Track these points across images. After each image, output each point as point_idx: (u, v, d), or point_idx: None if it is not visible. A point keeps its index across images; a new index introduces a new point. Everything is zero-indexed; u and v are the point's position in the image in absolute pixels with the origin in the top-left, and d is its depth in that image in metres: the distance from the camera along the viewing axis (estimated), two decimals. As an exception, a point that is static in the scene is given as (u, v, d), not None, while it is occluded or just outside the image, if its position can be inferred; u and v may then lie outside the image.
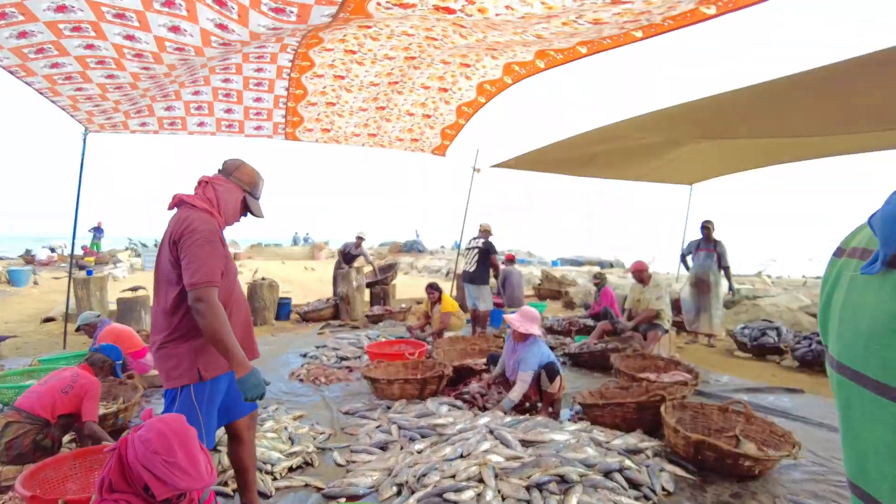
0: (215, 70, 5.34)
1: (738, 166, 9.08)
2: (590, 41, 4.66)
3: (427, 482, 3.02)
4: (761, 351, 6.79)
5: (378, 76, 5.80)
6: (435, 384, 4.79)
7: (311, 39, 4.79)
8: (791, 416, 4.55)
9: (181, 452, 1.67)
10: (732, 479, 3.25)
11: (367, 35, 4.81)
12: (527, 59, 5.42)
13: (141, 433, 1.66)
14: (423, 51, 5.23)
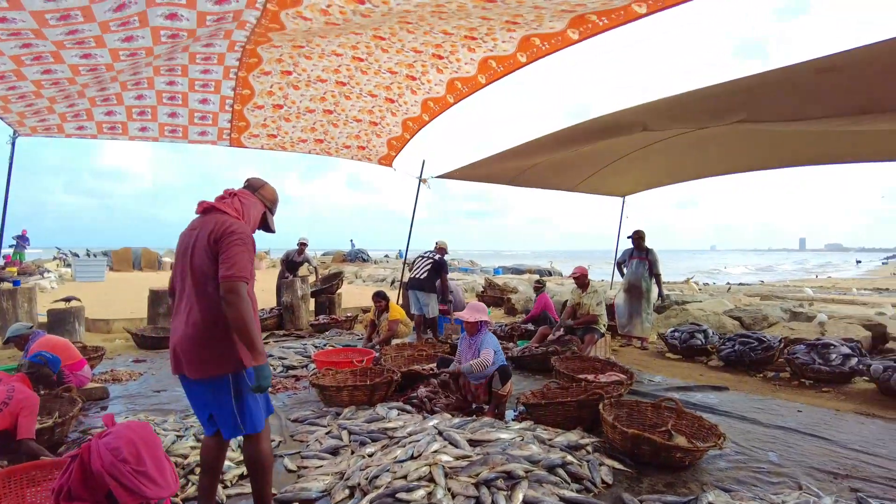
0: (160, 71, 5.22)
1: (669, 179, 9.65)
2: (529, 49, 4.87)
3: (379, 483, 3.10)
4: (690, 352, 7.22)
5: (325, 71, 5.79)
6: (384, 390, 4.86)
7: (259, 37, 4.79)
8: (717, 411, 4.89)
9: (150, 461, 1.67)
10: (666, 471, 3.49)
11: (314, 34, 4.84)
12: (469, 74, 5.58)
13: (107, 441, 1.66)
14: (371, 53, 5.32)
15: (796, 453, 3.92)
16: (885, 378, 5.41)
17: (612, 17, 4.13)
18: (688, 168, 8.72)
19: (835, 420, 4.78)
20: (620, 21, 4.12)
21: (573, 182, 9.57)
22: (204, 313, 2.48)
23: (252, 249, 2.56)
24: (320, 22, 4.26)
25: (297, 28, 4.43)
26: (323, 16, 4.13)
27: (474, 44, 4.96)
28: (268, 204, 2.92)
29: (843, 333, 7.05)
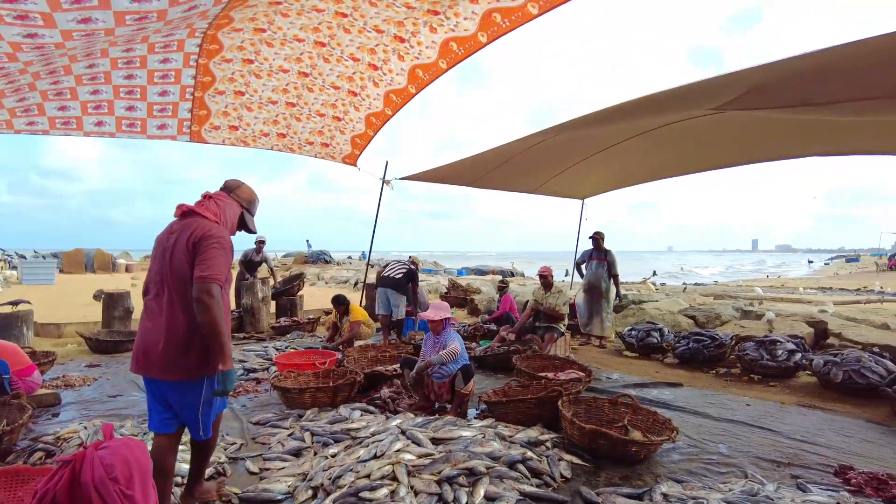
0: (118, 65, 5.08)
1: (627, 181, 9.91)
2: (490, 27, 4.91)
3: (342, 483, 3.12)
4: (646, 350, 7.45)
5: (288, 60, 5.72)
6: (347, 391, 4.86)
7: (221, 20, 4.68)
8: (672, 406, 5.07)
9: (139, 486, 1.66)
10: (622, 464, 3.61)
11: (276, 11, 4.79)
12: (430, 60, 5.57)
13: (103, 455, 1.63)
14: (333, 35, 5.26)
15: (744, 444, 4.11)
16: (825, 372, 5.71)
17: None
18: (644, 169, 8.97)
19: (780, 412, 5.02)
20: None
21: (534, 185, 9.72)
22: (189, 317, 2.51)
23: (229, 254, 2.59)
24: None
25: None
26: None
27: (436, 21, 4.95)
28: (244, 204, 2.93)
29: (789, 330, 7.39)
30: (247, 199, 2.95)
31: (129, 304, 8.49)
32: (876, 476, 3.37)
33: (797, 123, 5.95)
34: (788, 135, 6.45)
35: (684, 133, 6.53)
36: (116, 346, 7.44)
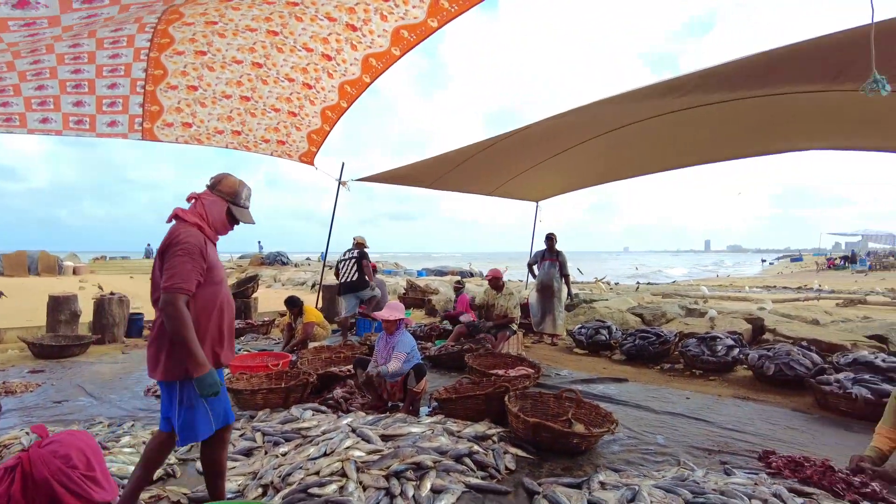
0: (64, 60, 4.95)
1: (579, 184, 10.21)
2: (439, 12, 4.98)
3: (292, 480, 3.18)
4: (595, 347, 7.71)
5: (241, 50, 5.66)
6: (299, 392, 4.90)
7: (170, 14, 4.62)
8: (615, 400, 5.30)
9: (98, 467, 1.70)
10: (565, 456, 3.78)
11: (228, 7, 4.76)
12: (383, 49, 5.60)
13: (53, 449, 1.65)
14: (285, 24, 5.23)
15: (680, 435, 4.34)
16: (759, 365, 6.04)
17: None
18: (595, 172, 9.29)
19: (716, 404, 5.30)
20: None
21: (490, 187, 9.93)
22: (160, 321, 2.57)
23: (198, 258, 2.56)
24: None
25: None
26: None
27: (386, 8, 5.02)
28: (228, 198, 2.81)
29: (729, 327, 7.77)
30: (229, 191, 2.82)
31: (77, 308, 8.26)
32: (794, 459, 3.63)
33: (745, 125, 6.31)
34: (736, 135, 6.82)
35: (635, 136, 6.81)
36: (62, 350, 7.24)
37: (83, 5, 3.33)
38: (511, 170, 8.73)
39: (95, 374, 6.28)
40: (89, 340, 7.71)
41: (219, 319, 2.69)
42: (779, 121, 6.16)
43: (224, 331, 2.73)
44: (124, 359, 7.25)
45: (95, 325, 8.45)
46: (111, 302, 8.46)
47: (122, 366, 6.75)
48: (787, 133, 6.65)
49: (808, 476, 3.42)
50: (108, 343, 8.26)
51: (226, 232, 2.84)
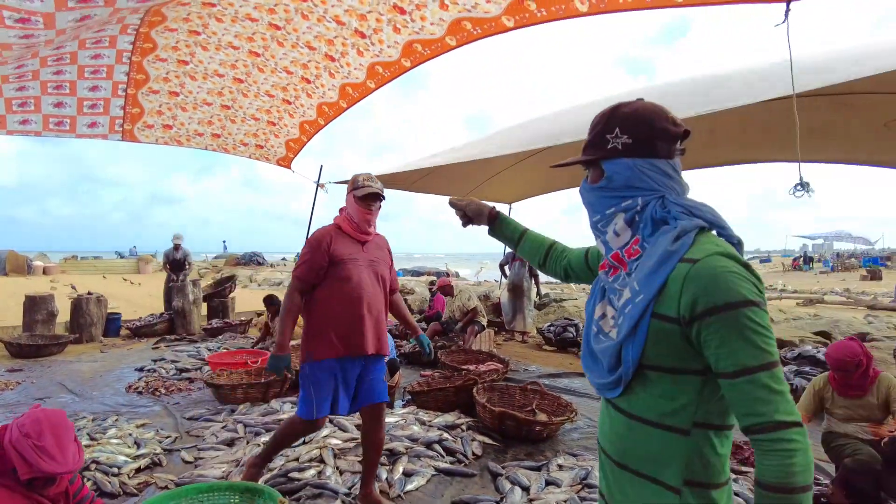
0: (47, 62, 5.05)
1: (550, 188, 10.56)
2: (412, 54, 5.22)
3: (273, 466, 3.42)
4: (563, 344, 8.06)
5: (223, 65, 5.79)
6: (278, 387, 5.13)
7: (153, 17, 4.71)
8: (579, 393, 5.62)
9: (52, 439, 1.87)
10: (528, 443, 4.08)
11: (211, 15, 4.85)
12: (359, 81, 5.87)
13: (21, 420, 1.88)
14: (267, 47, 5.43)
15: (636, 423, 4.67)
16: (715, 360, 6.44)
17: (486, 28, 4.46)
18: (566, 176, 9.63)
19: (672, 396, 5.66)
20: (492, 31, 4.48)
21: (464, 190, 10.22)
22: None
23: (315, 251, 2.90)
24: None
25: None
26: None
27: (363, 44, 5.25)
28: (350, 191, 3.03)
29: (689, 324, 8.17)
30: (351, 186, 3.05)
31: (54, 308, 8.31)
32: (734, 443, 3.99)
33: (711, 136, 6.70)
34: (712, 144, 7.21)
35: None
36: (39, 350, 7.31)
37: (78, 3, 3.49)
38: (487, 171, 9.02)
39: (75, 372, 6.38)
40: (67, 340, 7.77)
41: (350, 311, 2.89)
42: (750, 131, 6.54)
43: (357, 322, 2.90)
44: (103, 357, 7.34)
45: (73, 324, 8.50)
46: (89, 301, 8.53)
47: (102, 364, 6.86)
48: (758, 143, 7.06)
49: (746, 457, 3.78)
50: (85, 342, 8.31)
51: (367, 217, 2.99)
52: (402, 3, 4.48)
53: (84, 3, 3.60)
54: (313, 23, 5.10)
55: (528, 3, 4.09)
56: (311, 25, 5.15)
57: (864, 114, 5.10)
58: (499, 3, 4.18)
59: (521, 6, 4.16)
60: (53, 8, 3.63)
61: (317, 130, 7.25)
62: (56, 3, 3.58)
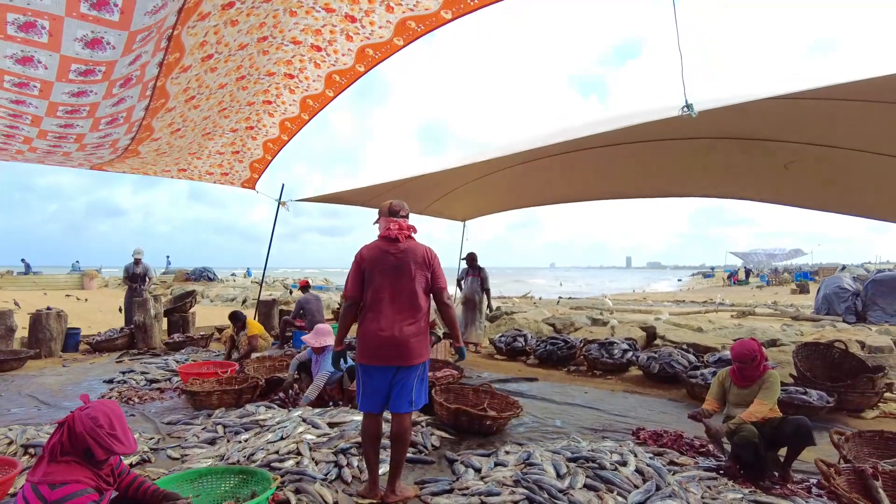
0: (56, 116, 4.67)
1: (502, 207, 11.27)
2: (365, 60, 5.61)
3: (255, 459, 3.86)
4: (513, 353, 8.70)
5: (186, 121, 5.87)
6: (250, 393, 5.52)
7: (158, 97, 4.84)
8: (525, 395, 6.22)
9: (119, 428, 2.36)
10: (480, 436, 4.63)
11: (208, 69, 4.98)
12: (318, 91, 6.28)
13: (87, 412, 2.31)
14: (232, 94, 5.77)
15: (575, 419, 5.31)
16: (647, 365, 7.18)
17: None
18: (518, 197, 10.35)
19: (609, 397, 6.34)
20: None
21: (420, 207, 10.78)
22: None
23: (354, 267, 3.46)
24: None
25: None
26: None
27: (319, 56, 5.70)
28: (383, 214, 3.58)
29: (627, 334, 8.95)
30: (382, 212, 3.60)
31: (12, 323, 8.39)
32: (656, 432, 4.67)
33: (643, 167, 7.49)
34: (643, 175, 8.01)
35: (556, 166, 7.82)
36: (0, 365, 7.40)
37: (78, 76, 3.73)
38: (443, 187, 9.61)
39: (42, 385, 6.54)
40: (27, 355, 7.86)
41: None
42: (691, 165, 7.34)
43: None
44: (67, 371, 7.48)
45: (31, 339, 8.56)
46: (48, 317, 8.63)
47: (68, 377, 7.03)
48: (682, 180, 7.92)
49: (664, 443, 4.45)
50: (44, 357, 8.39)
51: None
52: (353, 12, 4.96)
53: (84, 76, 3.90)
54: (272, 52, 5.46)
55: None
56: (270, 56, 5.51)
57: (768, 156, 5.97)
58: None
59: None
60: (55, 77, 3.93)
61: (280, 147, 7.66)
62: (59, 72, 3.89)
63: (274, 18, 4.97)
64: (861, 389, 5.62)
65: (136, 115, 4.98)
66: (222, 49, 4.87)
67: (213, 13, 4.09)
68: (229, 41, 4.85)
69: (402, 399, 3.42)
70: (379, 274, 3.40)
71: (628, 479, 3.51)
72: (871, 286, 14.83)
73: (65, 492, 2.14)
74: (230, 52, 5.09)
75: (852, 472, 3.24)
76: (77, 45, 3.32)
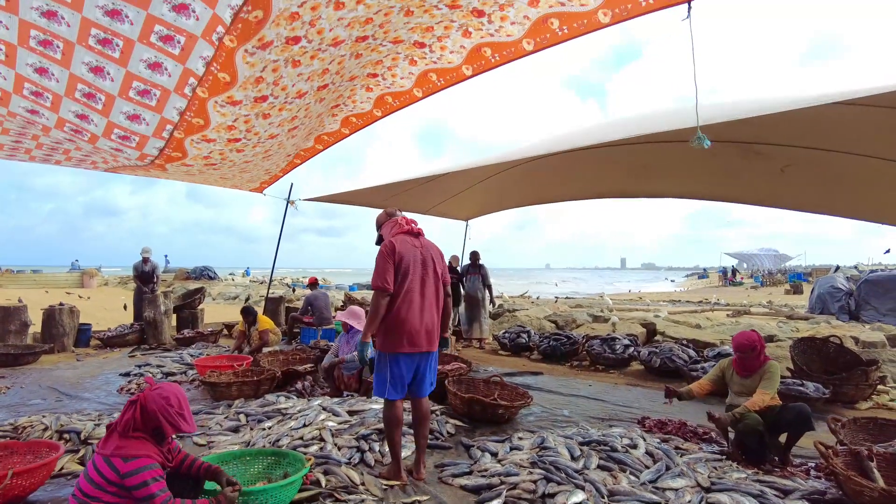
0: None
1: (503, 205, 11.48)
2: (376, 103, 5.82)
3: (281, 444, 4.04)
4: (517, 349, 8.91)
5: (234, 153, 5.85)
6: (268, 384, 5.71)
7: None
8: (532, 388, 6.42)
9: (186, 409, 2.56)
10: (492, 424, 4.83)
11: (259, 114, 4.86)
12: (365, 110, 6.14)
13: (159, 392, 2.51)
14: (281, 146, 5.85)
15: (582, 410, 5.52)
16: (648, 360, 7.40)
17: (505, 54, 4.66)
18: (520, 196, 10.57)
19: (612, 389, 6.56)
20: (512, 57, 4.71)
21: (425, 207, 10.99)
22: None
23: (386, 261, 3.52)
24: None
25: None
26: None
27: (337, 109, 5.85)
28: (387, 218, 3.89)
29: (628, 331, 9.17)
30: (380, 220, 3.92)
31: (27, 318, 8.54)
32: (661, 420, 4.88)
33: (645, 170, 7.70)
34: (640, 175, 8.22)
35: (555, 165, 8.03)
36: (17, 359, 7.55)
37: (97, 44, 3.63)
38: (447, 191, 9.82)
39: (61, 378, 6.72)
40: (42, 350, 8.02)
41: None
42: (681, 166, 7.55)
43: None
44: (81, 365, 7.65)
45: (44, 334, 8.73)
46: (62, 312, 8.79)
47: (84, 370, 7.20)
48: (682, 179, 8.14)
49: (669, 430, 4.66)
50: (58, 352, 8.55)
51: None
52: (424, 38, 4.70)
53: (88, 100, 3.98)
54: (366, 54, 4.95)
55: (551, 22, 4.19)
56: (361, 60, 5.07)
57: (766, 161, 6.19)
58: (522, 25, 4.29)
59: (543, 26, 4.26)
60: (63, 92, 4.01)
61: (307, 158, 7.69)
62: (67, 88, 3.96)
63: (339, 65, 4.77)
64: (855, 382, 5.85)
65: (167, 126, 4.75)
66: (279, 93, 4.68)
67: (276, 44, 3.95)
68: (287, 84, 4.60)
69: (426, 382, 3.66)
70: (412, 266, 3.58)
71: (639, 461, 3.72)
72: (864, 286, 15.11)
73: (137, 465, 2.33)
74: (287, 100, 4.89)
75: (849, 453, 3.46)
76: (97, 11, 3.35)
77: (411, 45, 4.83)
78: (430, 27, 4.52)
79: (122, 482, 2.32)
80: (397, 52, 4.98)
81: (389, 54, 5.03)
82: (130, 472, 2.31)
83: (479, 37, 4.56)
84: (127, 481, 2.31)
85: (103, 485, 2.34)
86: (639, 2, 3.77)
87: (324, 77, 4.84)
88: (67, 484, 3.46)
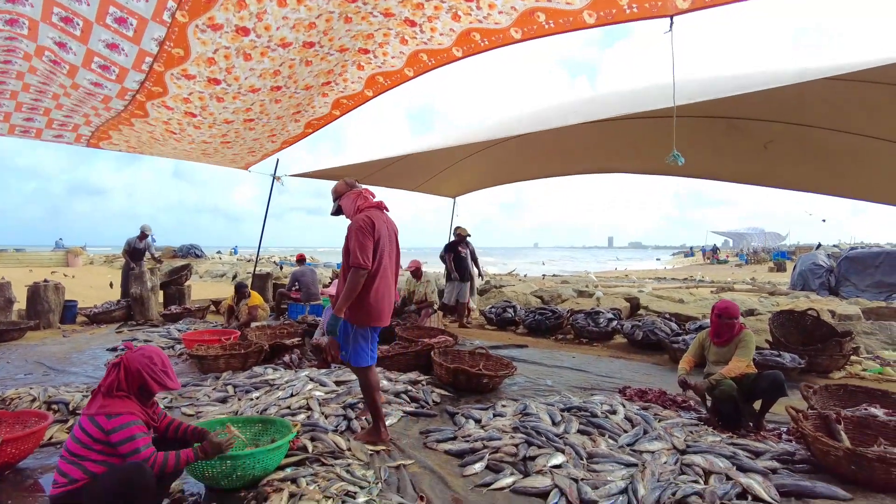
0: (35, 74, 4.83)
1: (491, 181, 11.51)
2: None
3: (268, 413, 4.11)
4: (503, 323, 9.03)
5: (236, 112, 5.92)
6: (255, 357, 5.76)
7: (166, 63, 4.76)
8: (517, 359, 6.50)
9: (169, 367, 2.62)
10: (476, 393, 4.94)
11: (239, 51, 4.74)
12: (356, 91, 6.08)
13: (141, 352, 2.56)
14: (278, 98, 5.71)
15: (565, 380, 5.63)
16: (631, 333, 7.54)
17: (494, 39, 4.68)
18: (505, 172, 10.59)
19: (595, 361, 6.69)
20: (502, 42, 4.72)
21: (413, 184, 10.98)
22: None
23: (367, 237, 3.49)
24: None
25: None
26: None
27: (328, 88, 5.85)
28: (347, 189, 3.84)
29: (612, 305, 9.31)
30: (338, 190, 3.88)
31: (11, 295, 8.50)
32: (641, 389, 5.00)
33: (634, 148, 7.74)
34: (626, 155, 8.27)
35: (543, 141, 8.04)
36: (2, 335, 7.49)
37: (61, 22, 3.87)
38: (434, 167, 9.82)
39: (47, 353, 6.71)
40: (27, 326, 7.99)
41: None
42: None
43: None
44: (67, 341, 7.63)
45: (30, 311, 8.68)
46: (46, 288, 8.74)
47: (71, 346, 7.20)
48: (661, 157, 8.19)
49: (649, 399, 4.79)
50: (43, 329, 8.52)
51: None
52: (414, 17, 4.65)
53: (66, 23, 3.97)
54: (316, 62, 5.15)
55: (538, 15, 4.23)
56: (312, 68, 5.24)
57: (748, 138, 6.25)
58: (509, 15, 4.31)
59: (530, 18, 4.29)
60: (39, 17, 4.04)
61: (298, 139, 7.62)
62: (42, 13, 3.99)
63: (290, 69, 5.11)
64: (830, 352, 6.02)
65: (129, 83, 4.94)
66: (231, 81, 5.07)
67: (225, 29, 4.23)
68: (239, 75, 5.01)
69: (375, 350, 3.87)
70: (386, 243, 3.63)
71: (618, 425, 3.84)
72: (845, 263, 15.38)
73: (121, 421, 2.38)
74: (240, 91, 5.32)
75: (818, 417, 3.59)
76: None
77: (402, 21, 4.77)
78: (419, 4, 4.49)
79: (107, 439, 2.37)
80: (379, 38, 5.05)
81: (358, 53, 5.26)
82: (115, 429, 2.36)
83: (468, 21, 4.55)
84: (112, 437, 2.36)
85: (89, 443, 2.39)
86: (623, 9, 3.88)
87: (276, 78, 5.18)
88: (56, 452, 3.50)
